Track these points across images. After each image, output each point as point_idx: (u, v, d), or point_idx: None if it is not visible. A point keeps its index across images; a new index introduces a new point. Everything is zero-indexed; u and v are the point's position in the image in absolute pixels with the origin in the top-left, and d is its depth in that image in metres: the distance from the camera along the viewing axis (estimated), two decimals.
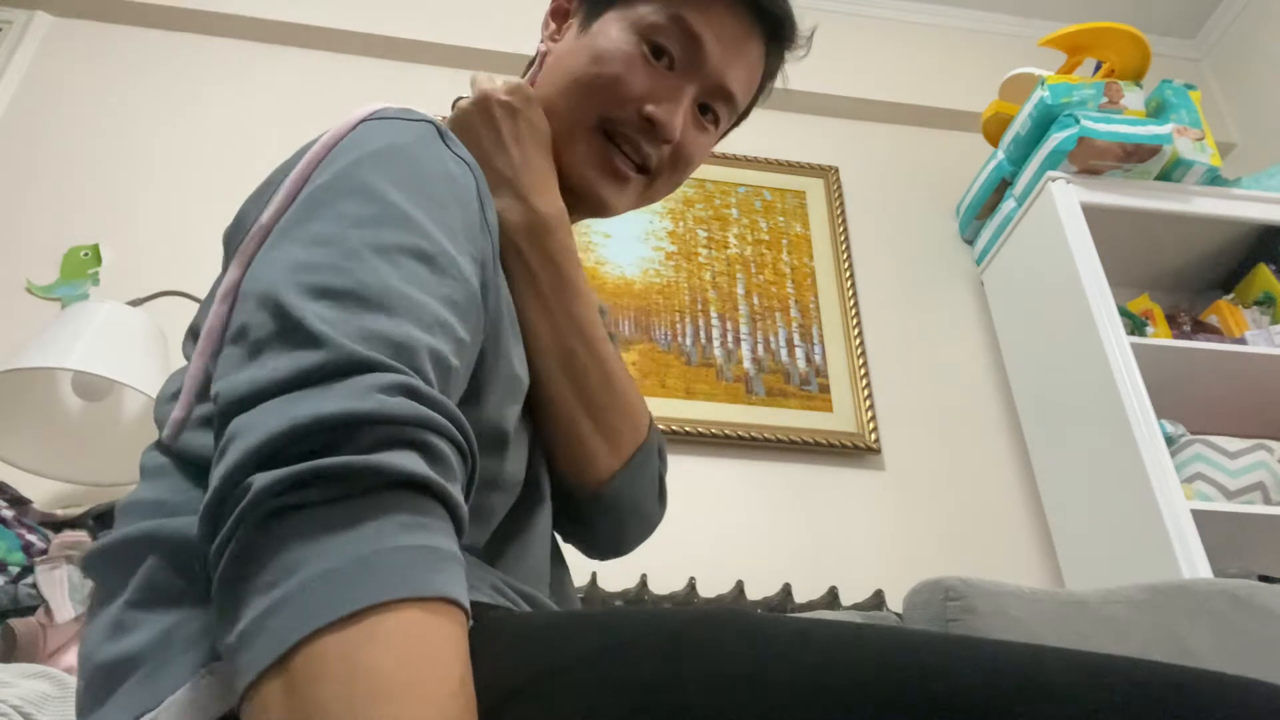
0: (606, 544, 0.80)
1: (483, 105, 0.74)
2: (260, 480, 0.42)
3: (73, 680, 0.94)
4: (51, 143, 2.04)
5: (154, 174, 2.03)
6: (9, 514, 1.38)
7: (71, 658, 1.21)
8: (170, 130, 2.10)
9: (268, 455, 0.43)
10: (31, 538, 1.35)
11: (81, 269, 1.87)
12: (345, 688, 0.38)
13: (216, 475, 0.44)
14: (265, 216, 0.58)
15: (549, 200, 0.72)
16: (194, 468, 0.56)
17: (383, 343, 0.48)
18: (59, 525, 1.41)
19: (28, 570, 1.29)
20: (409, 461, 0.44)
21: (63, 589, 1.24)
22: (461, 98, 0.78)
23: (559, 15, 0.83)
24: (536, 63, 0.82)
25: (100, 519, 1.44)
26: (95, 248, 1.90)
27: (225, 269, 0.61)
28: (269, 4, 2.26)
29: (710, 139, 0.81)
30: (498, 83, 0.77)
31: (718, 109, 0.79)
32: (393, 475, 0.44)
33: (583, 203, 0.78)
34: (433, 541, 0.43)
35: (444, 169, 0.61)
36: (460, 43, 2.30)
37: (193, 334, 0.64)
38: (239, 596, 0.41)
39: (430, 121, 0.65)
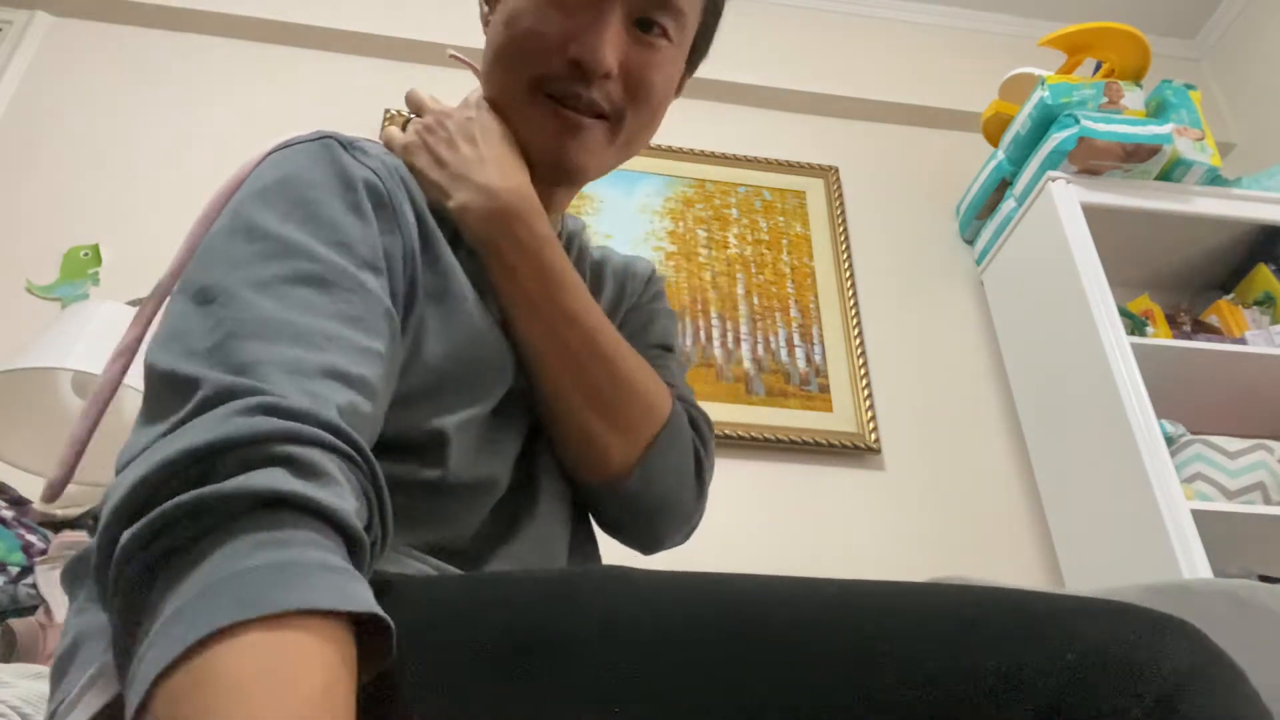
0: (642, 539, 0.78)
1: (428, 119, 0.73)
2: (125, 538, 0.41)
3: None
4: (51, 143, 2.04)
5: (154, 174, 2.03)
6: (9, 514, 1.38)
7: None
8: (170, 130, 2.10)
9: (134, 509, 0.42)
10: (31, 538, 1.35)
11: (81, 269, 1.87)
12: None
13: (95, 540, 0.43)
14: (165, 274, 0.60)
15: (511, 187, 0.68)
16: None
17: (253, 370, 0.48)
18: (59, 525, 1.41)
19: (28, 570, 1.29)
20: (267, 479, 0.42)
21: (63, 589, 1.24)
22: (408, 118, 0.76)
23: (488, 0, 0.78)
24: None
25: (100, 519, 1.44)
26: (95, 248, 1.90)
27: None
28: (269, 4, 2.26)
29: (666, 55, 0.72)
30: (430, 95, 0.76)
31: (660, 20, 0.70)
32: (246, 498, 0.42)
33: (554, 174, 0.73)
34: (288, 555, 0.41)
35: (338, 184, 0.61)
36: (459, 43, 2.30)
37: None
38: (126, 650, 0.42)
39: (330, 136, 0.64)
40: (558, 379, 0.69)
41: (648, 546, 0.79)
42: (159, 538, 0.41)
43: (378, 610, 0.41)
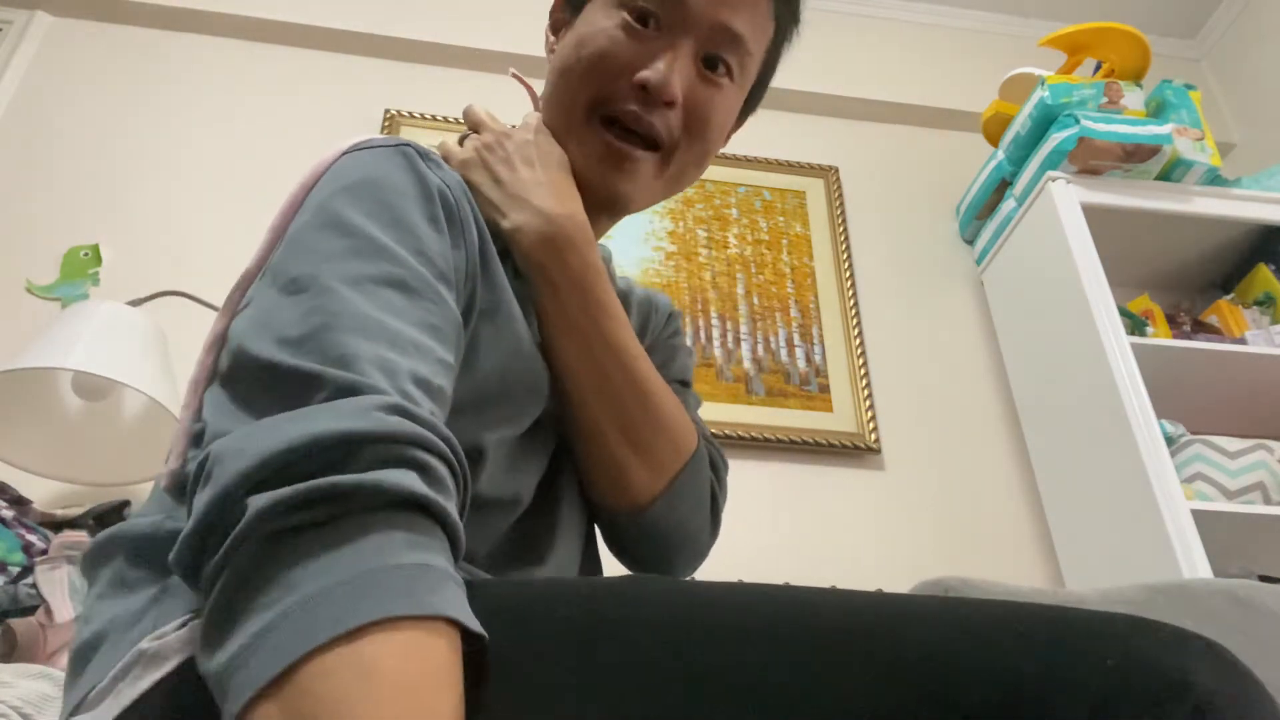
0: (656, 568, 0.78)
1: (487, 137, 0.73)
2: (258, 503, 0.42)
3: None
4: (51, 143, 2.04)
5: (154, 174, 2.03)
6: (9, 514, 1.38)
7: None
8: (170, 130, 2.10)
9: (262, 477, 0.43)
10: (31, 538, 1.35)
11: (81, 269, 1.87)
12: (343, 706, 0.37)
13: (204, 499, 0.43)
14: (251, 263, 0.59)
15: (567, 213, 0.69)
16: (180, 493, 0.58)
17: (366, 366, 0.49)
18: (59, 525, 1.41)
19: (28, 570, 1.29)
20: (408, 480, 0.44)
21: (63, 589, 1.24)
22: (465, 134, 0.77)
23: (555, 28, 0.81)
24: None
25: (100, 519, 1.44)
26: (95, 248, 1.90)
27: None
28: (269, 4, 2.25)
29: (728, 94, 0.74)
30: (487, 112, 0.76)
31: (726, 58, 0.72)
32: (394, 494, 0.43)
33: (601, 204, 0.74)
34: (431, 560, 0.43)
35: (418, 192, 0.61)
36: (460, 43, 2.30)
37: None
38: (234, 618, 0.41)
39: (408, 144, 0.64)
40: (594, 406, 0.69)
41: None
42: (296, 511, 0.42)
43: (484, 634, 0.43)
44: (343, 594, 0.40)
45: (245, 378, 0.50)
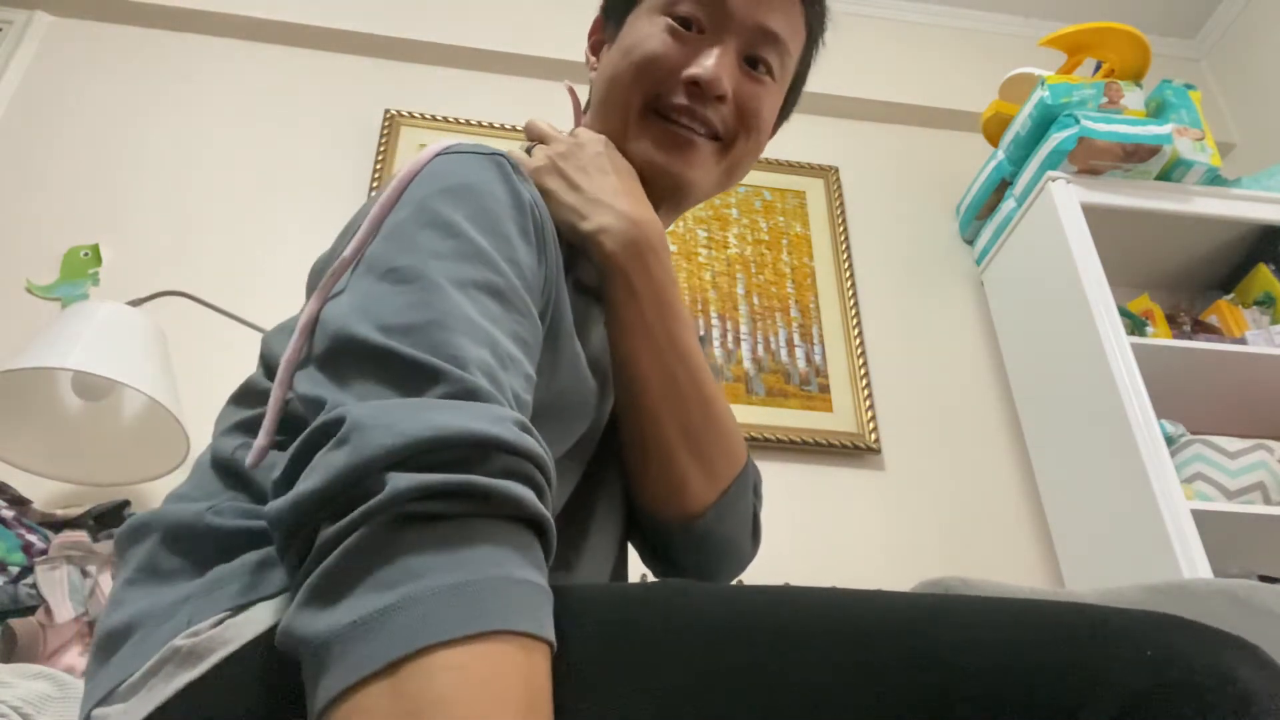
0: (700, 578, 0.78)
1: (560, 147, 0.74)
2: (400, 481, 0.42)
3: (73, 681, 0.94)
4: (51, 143, 2.04)
5: (154, 174, 2.03)
6: (9, 514, 1.38)
7: (71, 658, 1.21)
8: (170, 130, 2.10)
9: (404, 457, 0.43)
10: (31, 538, 1.35)
11: (81, 269, 1.87)
12: (457, 706, 0.37)
13: (338, 462, 0.43)
14: (348, 251, 0.59)
15: (648, 219, 0.70)
16: (231, 476, 0.57)
17: (477, 372, 0.49)
18: (59, 525, 1.41)
19: (28, 570, 1.29)
20: (532, 497, 0.45)
21: (63, 589, 1.24)
22: (530, 145, 0.78)
23: (595, 48, 0.83)
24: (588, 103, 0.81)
25: (100, 519, 1.44)
26: (95, 248, 1.90)
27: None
28: (269, 4, 2.25)
29: (771, 91, 0.78)
30: (548, 124, 0.77)
31: (767, 57, 0.76)
32: (524, 509, 0.44)
33: (664, 194, 0.76)
34: (541, 581, 0.44)
35: (513, 202, 0.62)
36: (460, 43, 2.30)
37: (264, 366, 0.65)
38: (350, 589, 0.41)
39: (501, 155, 0.65)
40: (658, 410, 0.70)
41: None
42: (434, 499, 0.42)
43: (553, 647, 0.44)
44: (472, 594, 0.40)
45: (350, 360, 0.50)
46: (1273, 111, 2.49)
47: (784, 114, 0.86)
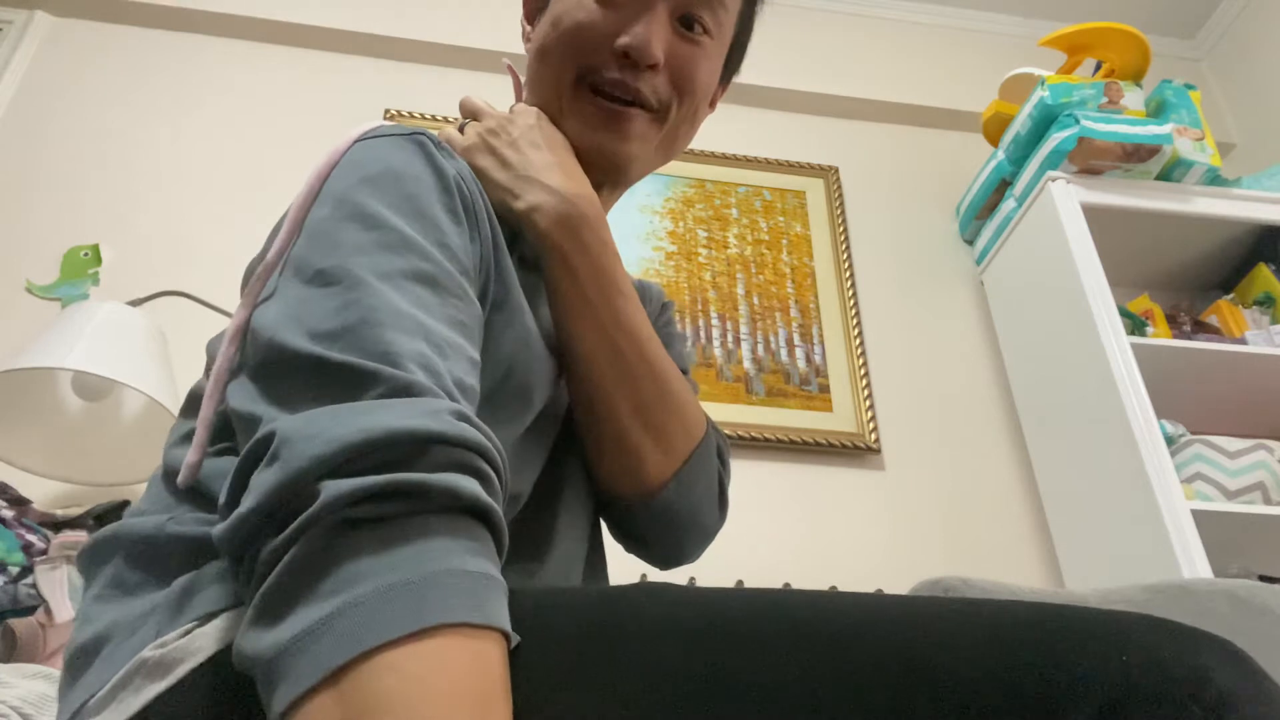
0: (665, 554, 0.78)
1: (490, 123, 0.73)
2: (333, 489, 0.41)
3: None
4: (51, 143, 2.04)
5: (154, 174, 2.03)
6: (9, 514, 1.38)
7: None
8: (170, 130, 2.10)
9: (336, 464, 0.42)
10: (31, 538, 1.35)
11: (81, 269, 1.87)
12: (407, 705, 0.37)
13: (270, 479, 0.42)
14: (271, 253, 0.57)
15: (581, 192, 0.68)
16: (183, 490, 0.56)
17: (411, 365, 0.48)
18: (59, 525, 1.41)
19: (28, 570, 1.29)
20: (473, 487, 0.44)
21: (63, 589, 1.24)
22: (464, 122, 0.76)
23: (529, 16, 0.81)
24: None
25: (100, 519, 1.44)
26: (95, 248, 1.90)
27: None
28: (269, 4, 2.26)
29: (709, 50, 0.75)
30: (484, 101, 0.76)
31: (700, 15, 0.73)
32: (464, 499, 0.44)
33: (604, 172, 0.74)
34: (490, 570, 0.43)
35: (438, 183, 0.60)
36: (460, 43, 2.30)
37: (207, 373, 0.64)
38: (294, 602, 0.40)
39: (422, 133, 0.63)
40: (607, 386, 0.68)
41: (668, 561, 0.79)
42: (369, 502, 0.42)
43: (515, 642, 0.44)
44: (411, 592, 0.40)
45: (282, 370, 0.49)
46: (1273, 111, 2.49)
47: (728, 72, 0.83)
